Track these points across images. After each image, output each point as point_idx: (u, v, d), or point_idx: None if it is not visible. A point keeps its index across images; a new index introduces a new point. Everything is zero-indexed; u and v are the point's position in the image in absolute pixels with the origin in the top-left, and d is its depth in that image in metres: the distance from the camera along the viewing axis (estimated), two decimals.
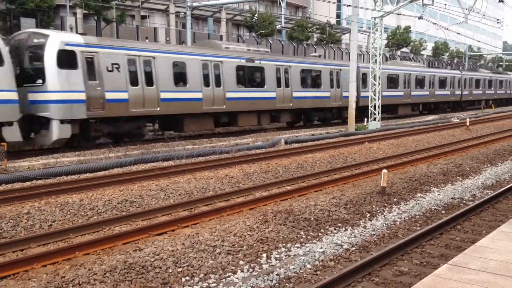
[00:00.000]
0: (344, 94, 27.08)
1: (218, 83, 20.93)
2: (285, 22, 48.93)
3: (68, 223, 8.45)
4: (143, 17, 44.16)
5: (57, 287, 5.77)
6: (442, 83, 39.63)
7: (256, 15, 41.53)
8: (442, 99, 40.28)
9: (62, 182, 11.38)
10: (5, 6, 29.40)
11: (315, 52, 48.58)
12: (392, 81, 33.06)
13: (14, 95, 14.75)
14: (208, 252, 6.99)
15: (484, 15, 26.74)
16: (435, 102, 39.31)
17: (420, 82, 35.98)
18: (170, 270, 6.37)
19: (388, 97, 31.09)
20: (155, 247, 7.08)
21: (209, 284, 6.13)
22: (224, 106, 21.23)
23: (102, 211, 9.19)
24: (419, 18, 27.60)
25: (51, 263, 6.59)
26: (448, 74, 41.50)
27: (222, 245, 7.23)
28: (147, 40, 35.04)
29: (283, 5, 45.27)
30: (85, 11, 33.54)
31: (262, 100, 23.10)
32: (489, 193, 11.17)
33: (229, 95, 21.35)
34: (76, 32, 32.58)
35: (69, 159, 14.42)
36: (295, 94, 24.77)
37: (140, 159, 14.13)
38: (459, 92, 43.04)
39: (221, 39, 44.40)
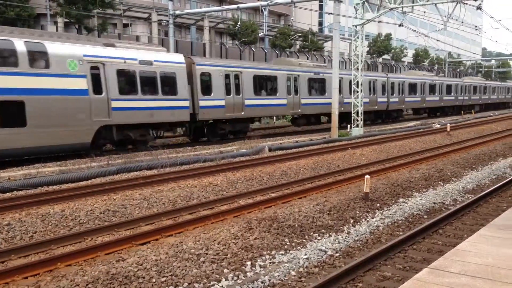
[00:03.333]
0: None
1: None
2: (267, 30, 49.11)
3: (50, 234, 8.34)
4: (125, 25, 44.00)
5: None
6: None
7: (239, 23, 41.67)
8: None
9: (43, 192, 11.23)
10: None
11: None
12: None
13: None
14: (192, 261, 6.96)
15: (462, 22, 27.17)
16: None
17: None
18: (154, 280, 6.33)
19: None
20: (138, 257, 7.03)
21: None
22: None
23: (84, 221, 9.09)
24: (400, 25, 27.98)
25: (32, 275, 6.49)
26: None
27: (206, 254, 7.21)
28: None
29: (265, 13, 45.44)
30: (66, 20, 33.28)
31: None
32: (470, 197, 11.34)
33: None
34: None
35: (50, 169, 14.24)
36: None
37: (123, 168, 14.02)
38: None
39: (204, 48, 44.44)
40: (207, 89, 21.45)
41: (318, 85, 28.79)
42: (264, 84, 25.23)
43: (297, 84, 27.00)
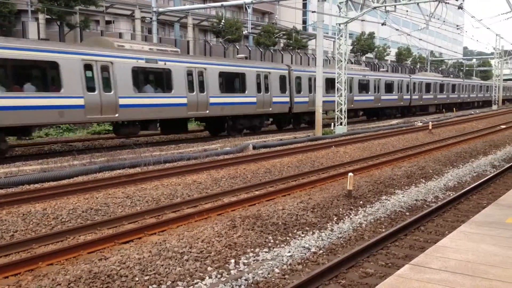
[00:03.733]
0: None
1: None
2: (252, 28, 49.15)
3: (31, 233, 8.23)
4: (108, 22, 43.56)
5: None
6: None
7: (223, 21, 41.56)
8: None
9: (24, 191, 11.06)
10: None
11: (282, 58, 49.06)
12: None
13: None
14: (176, 259, 6.93)
15: (444, 21, 27.54)
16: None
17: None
18: (137, 279, 6.29)
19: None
20: (121, 256, 6.97)
21: None
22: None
23: (66, 220, 8.99)
24: (383, 24, 28.23)
25: (13, 274, 6.40)
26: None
27: (190, 252, 7.19)
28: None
29: (249, 11, 45.43)
30: (48, 16, 32.81)
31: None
32: (451, 195, 11.50)
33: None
34: (38, 38, 31.88)
35: (32, 168, 14.05)
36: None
37: (106, 166, 13.89)
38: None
39: (187, 45, 44.25)
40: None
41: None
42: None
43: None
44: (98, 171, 13.56)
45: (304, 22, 63.88)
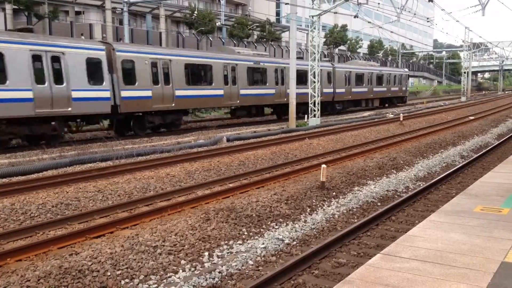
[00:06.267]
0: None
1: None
2: (225, 20, 48.83)
3: None
4: (78, 13, 42.58)
5: None
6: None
7: (196, 12, 41.12)
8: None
9: None
10: None
11: (255, 49, 48.86)
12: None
13: None
14: (149, 253, 6.87)
15: (415, 14, 27.94)
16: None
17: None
18: (109, 273, 6.21)
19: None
20: (92, 251, 6.87)
21: (149, 285, 6.04)
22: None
23: (36, 215, 8.80)
24: (355, 16, 28.46)
25: None
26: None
27: (163, 245, 7.13)
28: (83, 37, 33.82)
29: (222, 2, 45.16)
30: (15, 7, 31.85)
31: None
32: (421, 185, 11.73)
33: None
34: (5, 29, 30.95)
35: None
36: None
37: (76, 159, 13.64)
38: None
39: (160, 37, 43.68)
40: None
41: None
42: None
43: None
44: (69, 164, 13.30)
45: (278, 14, 63.84)
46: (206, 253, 7.00)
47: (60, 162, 13.20)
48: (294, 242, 7.63)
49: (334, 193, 10.65)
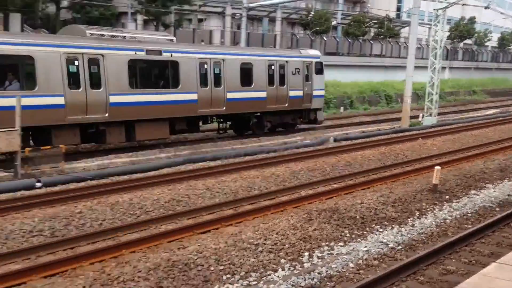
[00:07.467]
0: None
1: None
2: (342, 18, 48.05)
3: (118, 222, 8.73)
4: (200, 20, 44.93)
5: (102, 285, 5.98)
6: None
7: (312, 12, 40.96)
8: None
9: (114, 182, 11.75)
10: (71, 15, 30.78)
11: (371, 48, 47.31)
12: None
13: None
14: (250, 250, 7.01)
15: None
16: None
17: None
18: (212, 268, 6.46)
19: None
20: (198, 245, 7.19)
21: (249, 282, 6.16)
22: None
23: (150, 210, 9.43)
24: (486, 8, 26.17)
25: (98, 261, 6.83)
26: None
27: (265, 244, 7.24)
28: (203, 43, 35.62)
29: (340, 1, 44.42)
30: (145, 17, 34.55)
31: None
32: None
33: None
34: None
35: (122, 160, 14.89)
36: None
37: (189, 159, 14.38)
38: None
39: (275, 38, 44.29)
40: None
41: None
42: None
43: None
44: (182, 163, 14.06)
45: (399, 9, 60.93)
46: (306, 253, 6.96)
47: (174, 161, 14.01)
48: (399, 247, 7.29)
49: (447, 197, 9.98)
